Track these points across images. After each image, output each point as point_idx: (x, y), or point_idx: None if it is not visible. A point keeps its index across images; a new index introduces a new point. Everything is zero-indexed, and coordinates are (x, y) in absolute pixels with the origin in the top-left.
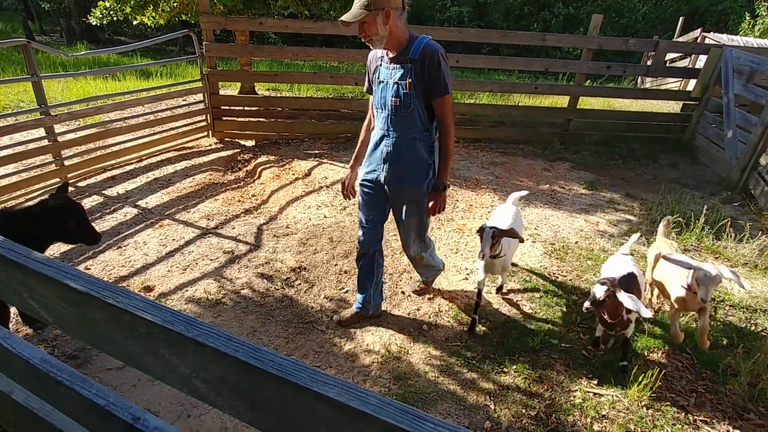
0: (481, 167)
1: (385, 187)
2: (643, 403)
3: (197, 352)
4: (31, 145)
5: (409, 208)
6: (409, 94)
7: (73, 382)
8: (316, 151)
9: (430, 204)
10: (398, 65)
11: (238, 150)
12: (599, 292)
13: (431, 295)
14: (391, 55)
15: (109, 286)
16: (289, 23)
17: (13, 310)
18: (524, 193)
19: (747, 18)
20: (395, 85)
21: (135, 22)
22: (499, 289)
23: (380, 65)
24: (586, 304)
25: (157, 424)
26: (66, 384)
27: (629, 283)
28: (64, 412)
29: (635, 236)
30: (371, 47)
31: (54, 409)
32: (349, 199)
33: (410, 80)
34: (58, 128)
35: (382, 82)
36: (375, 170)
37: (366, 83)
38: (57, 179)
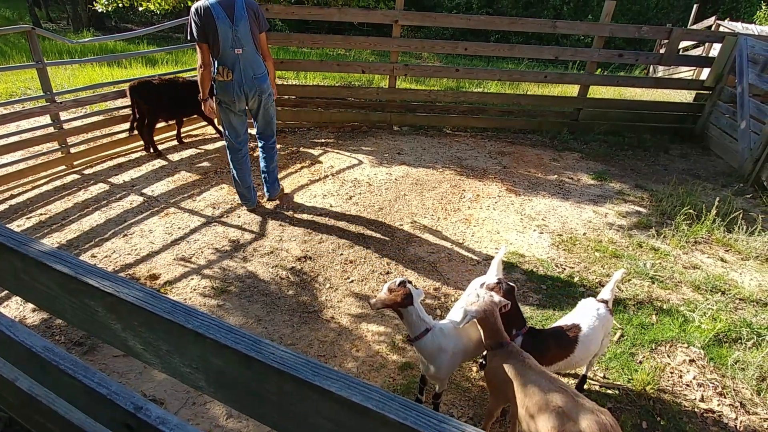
0: (488, 157)
1: None
2: (649, 396)
3: (197, 344)
4: (38, 133)
5: None
6: None
7: (75, 371)
8: (323, 140)
9: None
10: None
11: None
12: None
13: (437, 286)
14: None
15: (109, 276)
16: (295, 9)
17: (16, 299)
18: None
19: (763, 6)
20: None
21: (141, 9)
22: (436, 396)
23: None
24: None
25: (159, 413)
26: (68, 372)
27: (561, 333)
28: (67, 400)
29: (618, 273)
30: None
31: (58, 397)
32: None
33: None
34: (63, 115)
35: None
36: None
37: None
38: (63, 167)
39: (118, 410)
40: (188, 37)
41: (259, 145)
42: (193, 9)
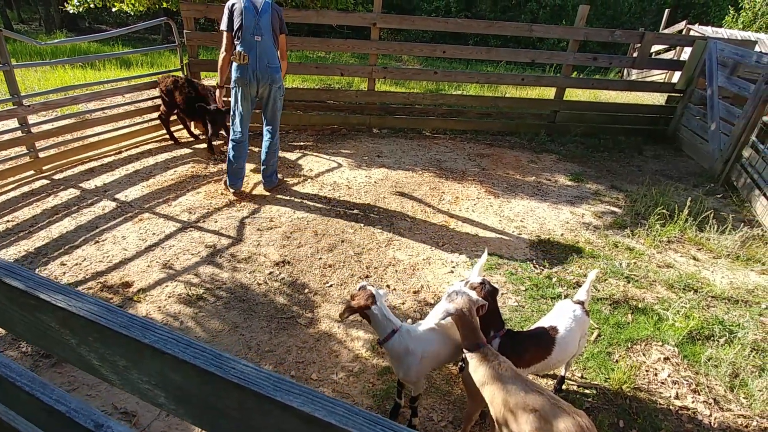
0: (467, 159)
1: None
2: (626, 395)
3: (154, 359)
4: (5, 137)
5: None
6: None
7: (33, 388)
8: (302, 143)
9: None
10: None
11: (222, 141)
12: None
13: (417, 289)
14: None
15: (62, 289)
16: None
17: None
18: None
19: (731, 11)
20: None
21: (114, 9)
22: (413, 400)
23: None
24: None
25: (121, 430)
26: (26, 389)
27: (539, 336)
28: (26, 417)
29: (593, 273)
30: None
31: (17, 415)
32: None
33: None
34: (32, 119)
35: None
36: None
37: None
38: (31, 172)
39: (78, 428)
40: (221, 26)
41: (264, 138)
42: (229, 3)
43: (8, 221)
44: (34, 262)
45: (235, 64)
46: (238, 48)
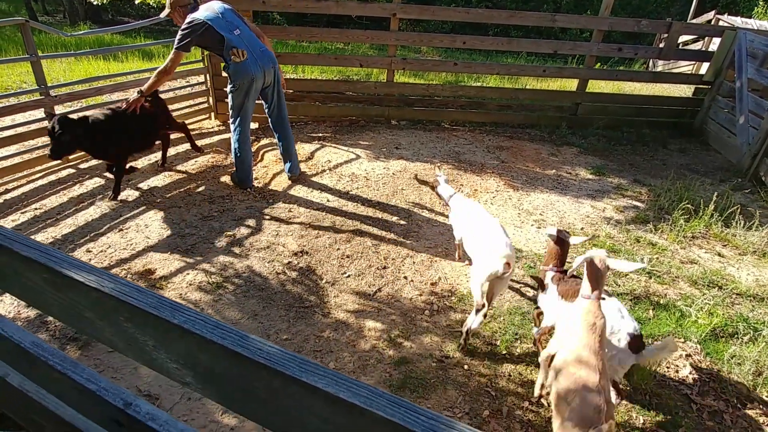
0: (486, 151)
1: None
2: (646, 391)
3: (183, 339)
4: (32, 126)
5: None
6: None
7: (64, 367)
8: (320, 134)
9: None
10: None
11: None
12: None
13: (434, 281)
14: None
15: (94, 270)
16: (292, 2)
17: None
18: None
19: (760, 1)
20: None
21: (137, 1)
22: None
23: None
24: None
25: (148, 409)
26: (57, 368)
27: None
28: (57, 396)
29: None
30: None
31: (48, 393)
32: None
33: None
34: (58, 109)
35: None
36: None
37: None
38: (58, 161)
39: (107, 406)
40: (176, 44)
41: (278, 129)
42: (187, 21)
43: (36, 209)
44: (61, 249)
45: (234, 66)
46: (230, 48)
